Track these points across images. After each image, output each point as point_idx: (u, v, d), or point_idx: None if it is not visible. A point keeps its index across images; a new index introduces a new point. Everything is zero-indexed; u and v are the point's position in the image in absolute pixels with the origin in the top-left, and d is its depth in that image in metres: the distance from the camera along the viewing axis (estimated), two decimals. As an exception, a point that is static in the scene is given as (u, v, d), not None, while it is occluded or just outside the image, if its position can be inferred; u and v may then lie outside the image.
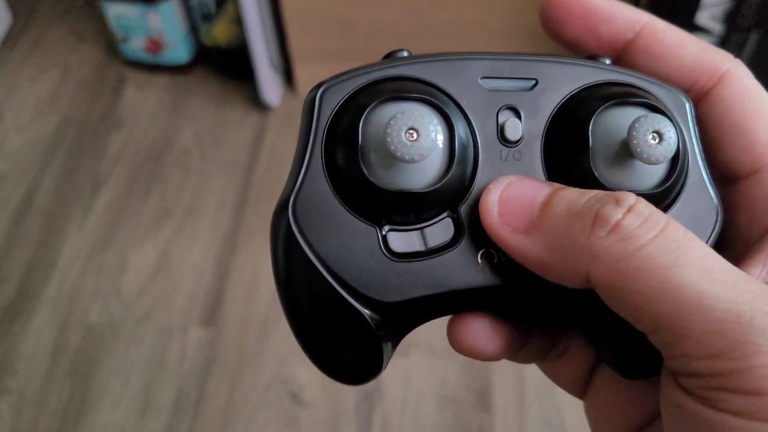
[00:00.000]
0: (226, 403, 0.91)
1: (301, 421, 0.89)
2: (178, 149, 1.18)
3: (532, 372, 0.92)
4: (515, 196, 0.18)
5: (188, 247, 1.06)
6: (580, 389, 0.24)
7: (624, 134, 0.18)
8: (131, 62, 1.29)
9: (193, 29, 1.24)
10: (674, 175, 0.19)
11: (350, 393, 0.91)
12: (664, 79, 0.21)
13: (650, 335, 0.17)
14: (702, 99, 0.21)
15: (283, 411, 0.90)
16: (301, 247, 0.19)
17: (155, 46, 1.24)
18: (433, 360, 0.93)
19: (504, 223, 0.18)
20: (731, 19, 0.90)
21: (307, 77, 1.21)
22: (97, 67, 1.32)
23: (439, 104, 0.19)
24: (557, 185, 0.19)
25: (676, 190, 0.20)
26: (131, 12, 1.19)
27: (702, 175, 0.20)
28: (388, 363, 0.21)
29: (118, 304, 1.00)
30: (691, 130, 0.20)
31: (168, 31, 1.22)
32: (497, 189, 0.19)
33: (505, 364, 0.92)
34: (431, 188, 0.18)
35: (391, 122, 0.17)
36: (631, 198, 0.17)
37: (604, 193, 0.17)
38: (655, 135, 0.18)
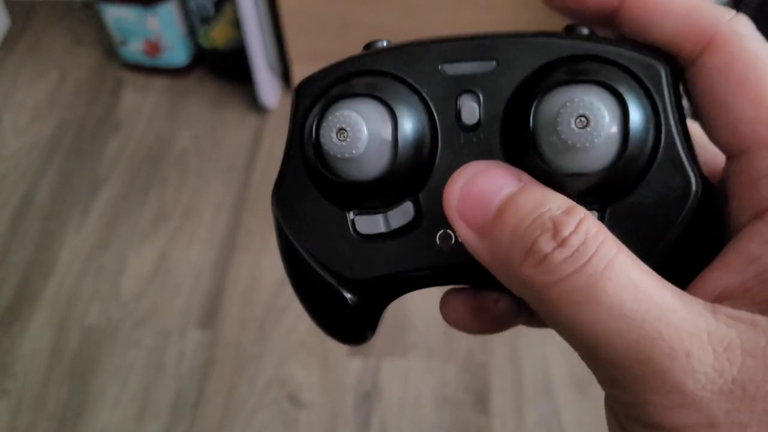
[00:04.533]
0: (224, 404, 0.91)
1: (299, 423, 0.90)
2: (176, 151, 1.19)
3: (530, 373, 0.92)
4: (475, 193, 0.18)
5: (186, 249, 1.06)
6: None
7: None
8: (129, 65, 1.29)
9: (191, 32, 1.24)
10: (625, 152, 0.18)
11: (349, 394, 0.91)
12: (651, 47, 0.20)
13: None
14: (689, 68, 0.19)
15: (281, 412, 0.90)
16: (284, 231, 0.21)
17: (153, 48, 1.24)
18: (431, 361, 0.93)
19: (460, 217, 0.18)
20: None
21: (305, 79, 1.21)
22: (95, 69, 1.32)
23: (383, 98, 0.20)
24: (522, 180, 0.18)
25: (638, 165, 0.19)
26: (129, 15, 1.20)
27: (678, 147, 0.19)
28: (375, 329, 0.23)
29: (116, 306, 1.00)
30: (667, 100, 0.19)
31: (166, 34, 1.22)
32: (461, 180, 0.19)
33: (503, 365, 0.92)
34: (377, 177, 0.20)
35: (323, 124, 0.19)
36: (572, 225, 0.17)
37: (550, 215, 0.17)
38: (582, 119, 0.18)
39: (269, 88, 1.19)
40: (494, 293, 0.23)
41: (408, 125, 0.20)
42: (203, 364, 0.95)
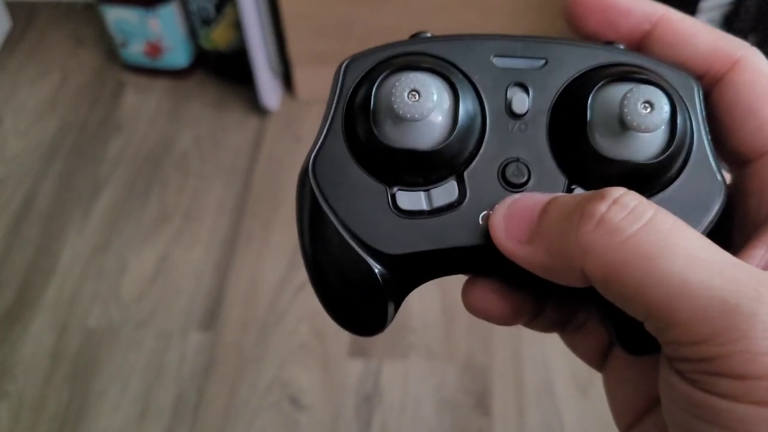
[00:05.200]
0: (225, 406, 0.91)
1: (300, 425, 0.89)
2: (178, 153, 1.19)
3: (532, 375, 0.92)
4: (517, 212, 0.20)
5: (187, 251, 1.06)
6: (597, 362, 0.25)
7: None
8: (130, 66, 1.30)
9: (193, 33, 1.24)
10: (672, 147, 0.20)
11: (349, 396, 0.91)
12: (680, 65, 0.22)
13: (644, 323, 0.18)
14: (715, 85, 0.22)
15: (282, 414, 0.90)
16: (318, 201, 0.21)
17: (154, 50, 1.24)
18: (432, 363, 0.93)
19: (510, 237, 0.19)
20: (729, 22, 0.90)
21: (306, 81, 1.21)
22: (97, 71, 1.32)
23: (446, 74, 0.20)
24: (556, 194, 0.20)
25: (677, 164, 0.20)
26: (131, 16, 1.20)
27: (707, 154, 0.21)
28: (392, 320, 0.22)
29: (117, 307, 1.00)
30: (698, 110, 0.21)
31: (167, 36, 1.22)
32: (502, 208, 0.20)
33: (504, 366, 0.92)
34: (434, 148, 0.20)
35: (396, 84, 0.20)
36: (617, 192, 0.18)
37: (593, 192, 0.18)
38: (646, 105, 0.19)
39: (270, 90, 1.19)
40: (533, 291, 0.23)
41: (466, 103, 0.21)
42: (204, 366, 0.95)
